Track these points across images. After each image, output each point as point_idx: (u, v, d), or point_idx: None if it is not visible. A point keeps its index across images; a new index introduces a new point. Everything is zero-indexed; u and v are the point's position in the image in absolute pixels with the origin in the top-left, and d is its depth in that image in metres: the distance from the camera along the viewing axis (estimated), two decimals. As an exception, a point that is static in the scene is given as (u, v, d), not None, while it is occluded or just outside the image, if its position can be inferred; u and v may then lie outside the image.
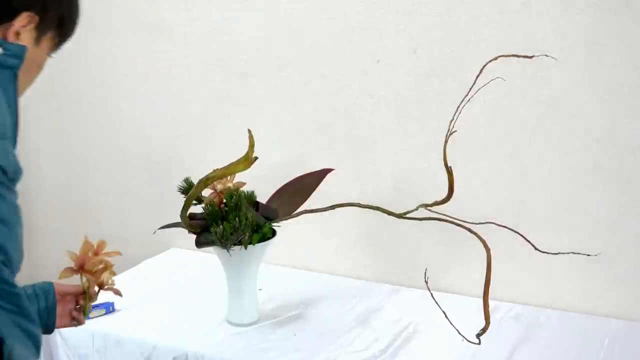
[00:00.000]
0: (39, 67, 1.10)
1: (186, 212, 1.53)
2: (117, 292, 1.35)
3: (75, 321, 1.35)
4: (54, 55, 1.13)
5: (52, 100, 2.39)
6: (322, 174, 1.73)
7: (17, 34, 1.03)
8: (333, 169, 1.74)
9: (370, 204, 1.58)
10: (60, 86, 2.37)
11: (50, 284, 1.30)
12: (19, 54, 1.04)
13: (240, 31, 2.04)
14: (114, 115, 2.33)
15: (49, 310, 1.28)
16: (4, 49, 1.02)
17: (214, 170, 1.46)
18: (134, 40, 2.21)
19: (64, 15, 1.10)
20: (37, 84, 1.08)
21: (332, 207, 1.61)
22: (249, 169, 1.45)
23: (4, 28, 1.02)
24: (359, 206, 1.59)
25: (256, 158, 1.42)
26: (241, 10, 2.02)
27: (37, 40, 1.07)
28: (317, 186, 1.70)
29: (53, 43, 1.11)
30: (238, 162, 1.42)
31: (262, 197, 1.69)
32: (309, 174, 1.73)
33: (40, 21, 1.05)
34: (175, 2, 2.12)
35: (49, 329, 1.30)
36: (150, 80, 2.22)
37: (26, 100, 1.04)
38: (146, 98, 2.25)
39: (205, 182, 1.47)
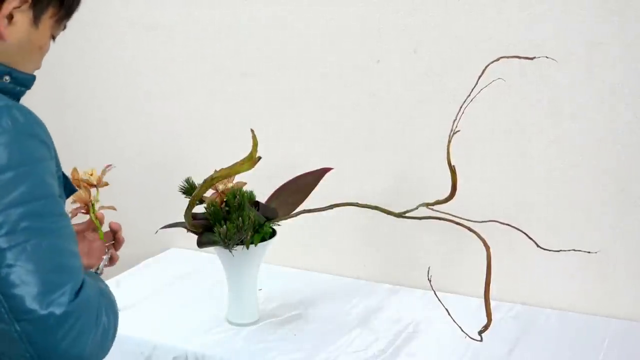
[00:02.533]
0: (41, 49, 1.02)
1: (190, 212, 1.53)
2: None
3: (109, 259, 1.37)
4: (59, 33, 1.05)
5: (52, 100, 2.38)
6: (320, 173, 1.72)
7: (10, 17, 0.95)
8: (332, 168, 1.74)
9: (369, 204, 1.58)
10: (60, 85, 2.37)
11: None
12: (27, 83, 1.01)
13: (240, 31, 2.04)
14: (113, 115, 2.33)
15: None
16: (12, 77, 0.98)
17: (219, 170, 1.46)
18: (134, 40, 2.21)
19: None
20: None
21: (331, 206, 1.61)
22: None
23: None
24: (358, 205, 1.59)
25: (260, 158, 1.42)
26: (241, 10, 2.02)
27: (35, 21, 0.98)
28: (315, 185, 1.70)
29: (55, 21, 1.01)
30: (242, 162, 1.42)
31: (261, 197, 1.69)
32: (307, 173, 1.73)
33: (33, 1, 0.96)
34: (175, 2, 2.12)
35: None
36: (150, 80, 2.22)
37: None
38: (146, 98, 2.25)
39: (211, 182, 1.47)
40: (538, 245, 1.42)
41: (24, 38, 0.98)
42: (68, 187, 1.06)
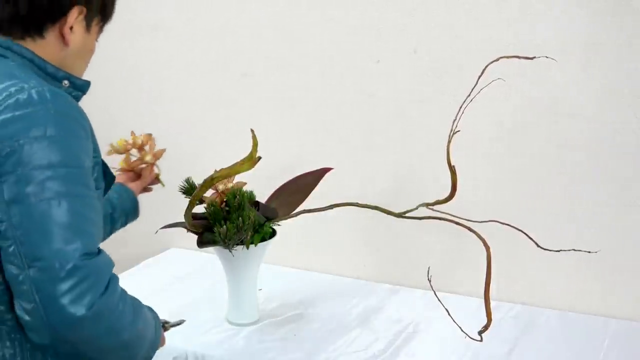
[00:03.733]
0: (91, 51, 1.21)
1: (190, 212, 1.53)
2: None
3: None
4: (99, 36, 1.23)
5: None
6: (320, 174, 1.72)
7: (71, 27, 1.12)
8: (332, 168, 1.74)
9: (369, 204, 1.58)
10: (60, 86, 2.37)
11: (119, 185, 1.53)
12: (83, 88, 1.17)
13: (240, 31, 2.04)
14: (113, 115, 2.33)
15: (133, 201, 1.54)
16: (71, 82, 1.14)
17: (219, 170, 1.46)
18: (135, 40, 2.21)
19: (105, 1, 1.19)
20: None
21: (331, 206, 1.61)
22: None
23: (60, 25, 1.12)
24: (357, 205, 1.59)
25: (260, 158, 1.41)
26: (241, 10, 2.02)
27: (88, 28, 1.16)
28: (315, 185, 1.70)
29: (99, 27, 1.20)
30: (242, 162, 1.42)
31: (261, 197, 1.69)
32: (307, 173, 1.73)
33: (87, 11, 1.14)
34: (175, 2, 2.12)
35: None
36: (150, 80, 2.22)
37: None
38: (145, 98, 2.25)
39: (211, 182, 1.47)
40: (538, 245, 1.42)
41: (81, 43, 1.15)
42: (108, 174, 1.19)
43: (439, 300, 1.39)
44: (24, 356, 1.06)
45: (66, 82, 1.13)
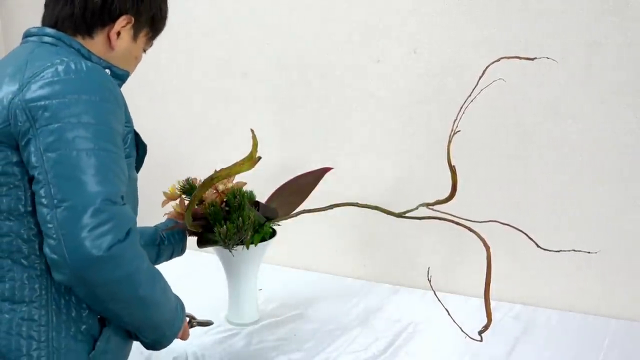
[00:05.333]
0: (136, 59, 1.34)
1: (190, 212, 1.53)
2: None
3: None
4: (148, 48, 1.36)
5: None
6: (320, 174, 1.72)
7: (118, 33, 1.26)
8: (332, 168, 1.74)
9: (369, 204, 1.58)
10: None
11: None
12: (123, 77, 1.29)
13: (240, 31, 2.04)
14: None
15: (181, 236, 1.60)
16: (112, 71, 1.25)
17: (219, 170, 1.46)
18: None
19: (155, 15, 1.32)
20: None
21: (331, 206, 1.61)
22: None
23: (108, 29, 1.25)
24: (358, 205, 1.59)
25: (260, 158, 1.41)
26: (241, 10, 2.02)
27: (134, 37, 1.29)
28: (315, 185, 1.70)
29: (147, 38, 1.33)
30: (242, 162, 1.42)
31: (261, 197, 1.69)
32: (307, 173, 1.72)
33: (135, 22, 1.27)
34: (176, 2, 2.12)
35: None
36: (150, 80, 2.22)
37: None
38: (146, 98, 2.24)
39: (211, 182, 1.47)
40: (538, 246, 1.42)
41: (126, 49, 1.28)
42: (141, 143, 1.30)
43: (439, 300, 1.39)
44: (49, 299, 1.14)
45: (107, 70, 1.23)
